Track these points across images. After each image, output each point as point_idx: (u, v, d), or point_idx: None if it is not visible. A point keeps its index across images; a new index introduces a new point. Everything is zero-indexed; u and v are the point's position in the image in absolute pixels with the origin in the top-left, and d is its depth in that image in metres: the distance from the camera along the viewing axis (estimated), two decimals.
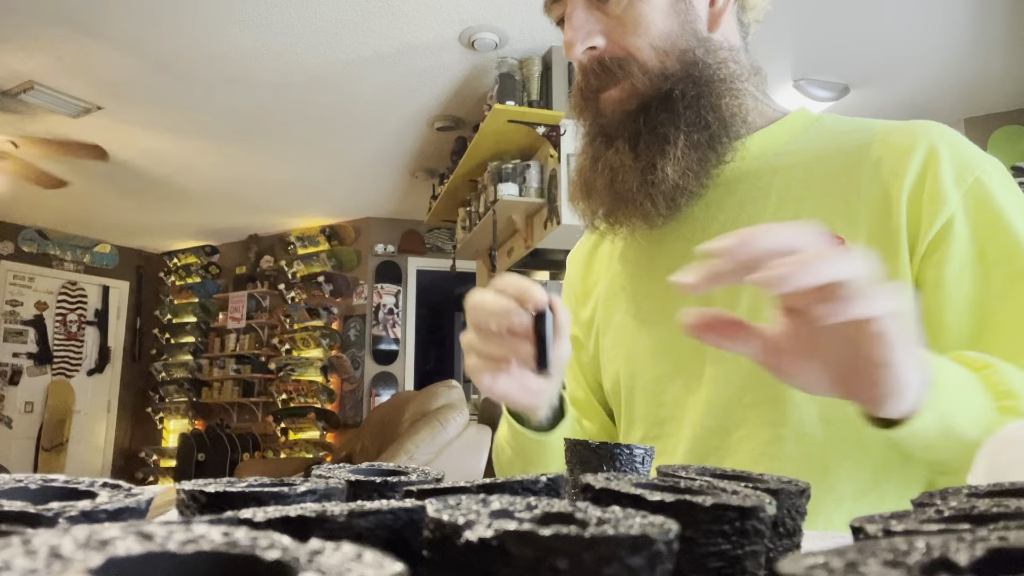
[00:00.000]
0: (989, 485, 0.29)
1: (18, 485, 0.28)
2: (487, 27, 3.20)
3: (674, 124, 0.71)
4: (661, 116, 0.71)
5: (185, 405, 6.74)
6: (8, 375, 6.21)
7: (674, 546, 0.19)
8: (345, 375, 5.96)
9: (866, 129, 0.72)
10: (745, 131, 0.74)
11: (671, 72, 0.71)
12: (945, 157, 0.65)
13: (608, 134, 0.76)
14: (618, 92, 0.73)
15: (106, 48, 3.35)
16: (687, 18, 0.73)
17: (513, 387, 0.68)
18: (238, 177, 5.15)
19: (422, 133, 4.34)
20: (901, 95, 3.85)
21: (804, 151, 0.73)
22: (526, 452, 0.74)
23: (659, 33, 0.71)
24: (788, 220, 0.69)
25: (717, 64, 0.72)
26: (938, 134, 0.68)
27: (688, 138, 0.71)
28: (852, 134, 0.72)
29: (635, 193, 0.72)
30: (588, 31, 0.72)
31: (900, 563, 0.15)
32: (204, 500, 0.27)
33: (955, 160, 0.66)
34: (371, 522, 0.22)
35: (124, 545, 0.15)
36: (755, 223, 0.69)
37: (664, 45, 0.72)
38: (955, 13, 3.16)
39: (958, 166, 0.65)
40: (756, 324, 0.49)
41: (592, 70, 0.74)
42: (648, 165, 0.71)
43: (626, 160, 0.73)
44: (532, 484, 0.30)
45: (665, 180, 0.71)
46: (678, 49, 0.72)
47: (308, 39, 3.29)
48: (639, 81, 0.72)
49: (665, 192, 0.71)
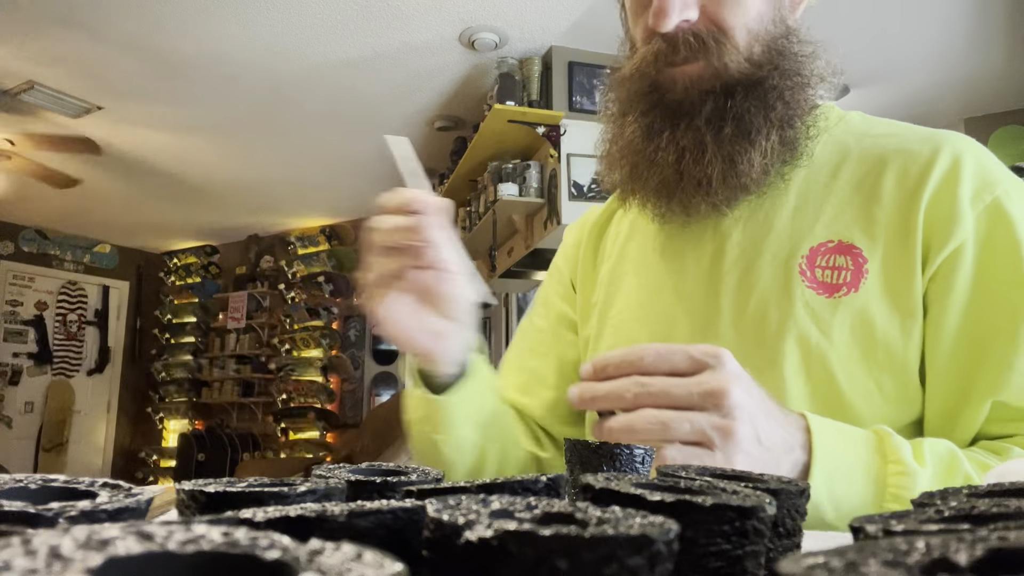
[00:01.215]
0: (989, 485, 0.29)
1: (18, 485, 0.28)
2: (487, 27, 3.20)
3: (765, 115, 0.67)
4: (750, 104, 0.67)
5: (185, 405, 6.73)
6: (8, 375, 6.20)
7: (674, 546, 0.19)
8: (345, 375, 5.96)
9: (893, 135, 0.70)
10: (816, 133, 0.71)
11: (758, 59, 0.68)
12: (967, 173, 0.64)
13: (676, 110, 0.70)
14: (698, 68, 0.68)
15: (106, 48, 3.35)
16: (780, 4, 0.70)
17: (412, 323, 0.66)
18: (238, 177, 5.15)
19: (422, 133, 4.34)
20: (901, 95, 3.85)
21: (829, 151, 0.72)
22: (430, 417, 0.71)
23: (755, 14, 0.68)
24: (805, 224, 0.69)
25: (805, 57, 0.70)
26: (964, 147, 0.66)
27: (780, 134, 0.68)
28: (879, 138, 0.71)
29: (712, 178, 0.68)
30: (685, 1, 0.67)
31: (900, 563, 0.15)
32: (204, 500, 0.27)
33: (976, 176, 0.64)
34: (371, 522, 0.22)
35: (124, 545, 0.15)
36: (772, 224, 0.70)
37: (757, 28, 0.68)
38: (955, 13, 3.16)
39: (978, 183, 0.64)
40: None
41: (679, 42, 0.67)
42: (737, 152, 0.67)
43: (705, 141, 0.68)
44: (532, 484, 0.30)
45: (751, 172, 0.67)
46: (768, 34, 0.68)
47: (308, 39, 3.28)
48: (729, 60, 0.67)
49: (746, 185, 0.68)
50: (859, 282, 0.64)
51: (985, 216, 0.63)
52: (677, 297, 0.74)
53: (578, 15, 3.10)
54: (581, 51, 3.39)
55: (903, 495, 0.51)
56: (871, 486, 0.52)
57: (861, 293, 0.64)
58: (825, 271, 0.66)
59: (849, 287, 0.64)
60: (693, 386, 0.50)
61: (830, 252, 0.66)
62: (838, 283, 0.65)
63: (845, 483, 0.52)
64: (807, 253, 0.67)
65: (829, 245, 0.67)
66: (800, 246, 0.68)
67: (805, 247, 0.67)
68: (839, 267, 0.65)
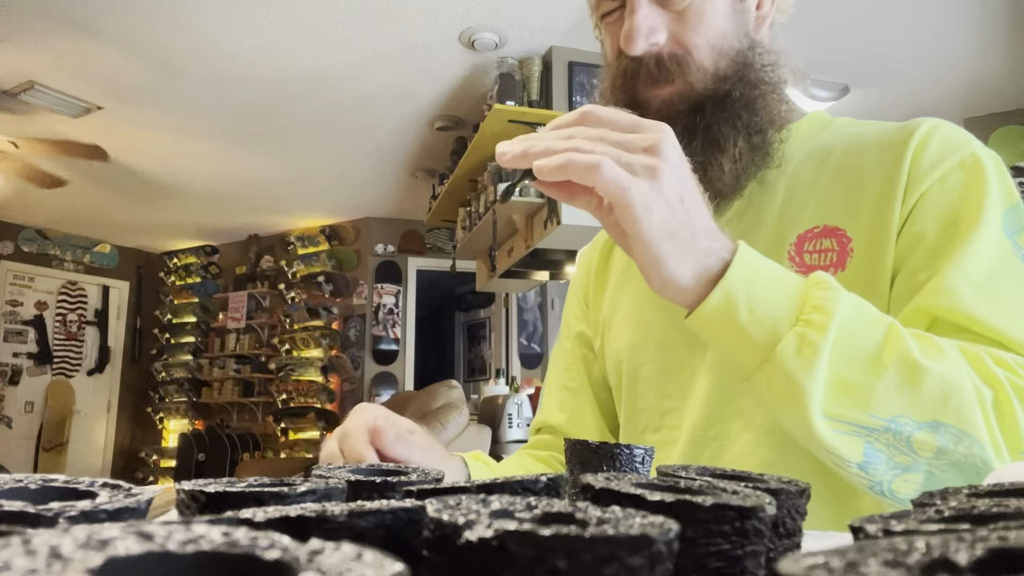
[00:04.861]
0: (989, 485, 0.29)
1: (18, 485, 0.28)
2: (487, 27, 3.20)
3: (731, 125, 0.70)
4: (717, 116, 0.71)
5: (185, 405, 6.73)
6: (8, 375, 6.21)
7: (674, 546, 0.19)
8: (345, 375, 5.96)
9: (873, 129, 0.74)
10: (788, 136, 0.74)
11: (724, 73, 0.71)
12: (935, 141, 0.67)
13: None
14: (669, 90, 0.71)
15: (106, 48, 3.35)
16: (742, 19, 0.73)
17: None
18: (238, 177, 5.15)
19: (422, 133, 4.34)
20: (901, 95, 3.85)
21: (816, 150, 0.75)
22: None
23: (717, 32, 0.71)
24: (793, 215, 0.71)
25: (768, 67, 0.73)
26: (933, 123, 0.69)
27: (747, 140, 0.71)
28: (860, 134, 0.74)
29: None
30: (652, 26, 0.70)
31: (900, 563, 0.15)
32: (204, 500, 0.27)
33: (947, 140, 0.67)
34: (371, 522, 0.22)
35: (124, 545, 0.15)
36: (761, 219, 0.71)
37: (721, 45, 0.71)
38: (955, 13, 3.16)
39: (949, 146, 0.67)
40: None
41: (647, 66, 0.71)
42: (707, 162, 0.70)
43: None
44: (532, 484, 0.30)
45: (723, 177, 0.70)
46: (733, 50, 0.72)
47: (308, 39, 3.28)
48: (694, 80, 0.71)
49: (720, 190, 0.71)
50: (845, 260, 0.67)
51: (951, 170, 0.65)
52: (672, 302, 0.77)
53: (578, 15, 3.10)
54: (581, 51, 3.39)
55: (825, 306, 0.51)
56: (790, 298, 0.53)
57: (848, 271, 0.66)
58: (813, 255, 0.69)
59: (836, 267, 0.67)
60: (632, 137, 0.53)
61: (816, 237, 0.69)
62: (825, 264, 0.68)
63: (764, 288, 0.53)
64: (795, 240, 0.70)
65: (815, 230, 0.69)
66: (788, 235, 0.70)
67: (793, 235, 0.70)
68: (825, 249, 0.68)
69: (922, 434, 0.51)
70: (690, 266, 0.52)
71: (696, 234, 0.53)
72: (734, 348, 0.54)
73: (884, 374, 0.51)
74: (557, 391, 0.92)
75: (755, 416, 0.69)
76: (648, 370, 0.79)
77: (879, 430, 0.51)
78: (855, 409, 0.51)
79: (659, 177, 0.51)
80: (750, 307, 0.52)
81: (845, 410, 0.51)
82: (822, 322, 0.51)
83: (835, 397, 0.51)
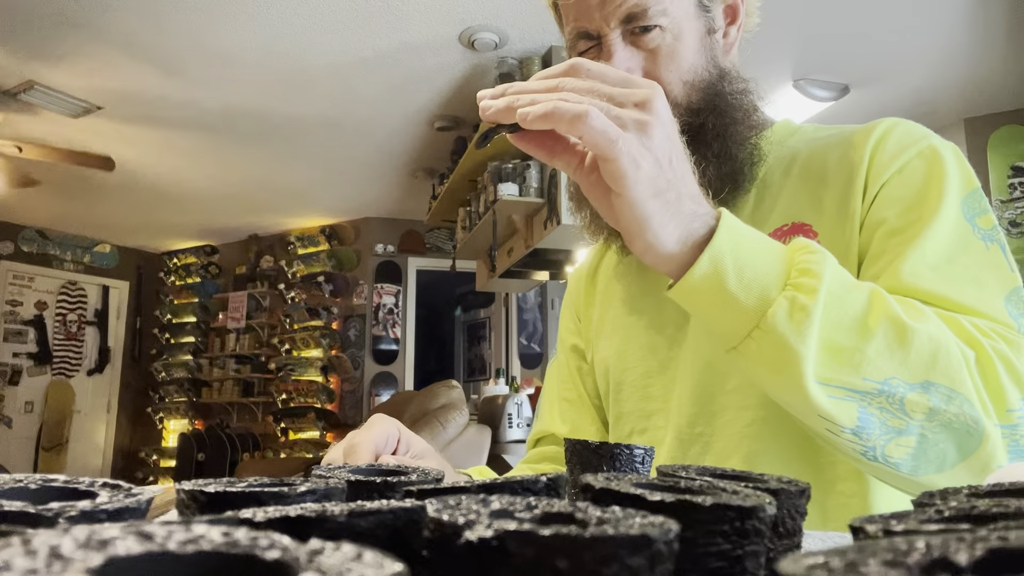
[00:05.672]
0: (989, 485, 0.29)
1: (18, 485, 0.28)
2: (487, 27, 3.20)
3: (702, 155, 0.70)
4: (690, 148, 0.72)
5: (185, 405, 6.73)
6: (8, 375, 6.20)
7: (674, 546, 0.19)
8: (345, 375, 5.96)
9: (838, 131, 0.76)
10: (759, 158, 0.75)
11: (696, 106, 0.72)
12: (894, 136, 0.69)
13: None
14: None
15: (106, 48, 3.35)
16: (711, 51, 0.74)
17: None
18: (238, 177, 5.15)
19: (422, 133, 4.34)
20: (901, 95, 3.85)
21: (783, 156, 0.77)
22: None
23: (688, 67, 0.72)
24: (762, 217, 0.73)
25: (738, 94, 0.74)
26: (892, 121, 0.71)
27: (717, 169, 0.71)
28: (825, 138, 0.76)
29: None
30: (629, 68, 0.70)
31: (900, 563, 0.15)
32: (204, 500, 0.27)
33: (904, 136, 0.69)
34: (371, 522, 0.22)
35: (124, 545, 0.15)
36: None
37: (692, 79, 0.72)
38: (955, 13, 3.16)
39: (908, 139, 0.68)
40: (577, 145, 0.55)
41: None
42: None
43: None
44: (532, 484, 0.30)
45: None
46: (704, 82, 0.72)
47: (308, 39, 3.28)
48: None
49: None
50: None
51: (910, 161, 0.67)
52: (654, 306, 0.79)
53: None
54: None
55: (813, 269, 0.51)
56: (777, 262, 0.52)
57: None
58: None
59: None
60: (623, 90, 0.51)
61: (784, 234, 0.70)
62: None
63: (750, 253, 0.52)
64: None
65: (784, 228, 0.71)
66: None
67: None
68: None
69: (914, 395, 0.51)
70: (675, 228, 0.51)
71: (682, 196, 0.52)
72: (723, 316, 0.53)
73: (873, 337, 0.51)
74: (556, 403, 0.93)
75: (739, 410, 0.69)
76: (633, 374, 0.80)
77: (872, 393, 0.51)
78: (847, 373, 0.51)
79: (649, 132, 0.50)
80: (738, 273, 0.51)
81: (838, 374, 0.50)
82: (811, 285, 0.50)
83: (827, 362, 0.50)
